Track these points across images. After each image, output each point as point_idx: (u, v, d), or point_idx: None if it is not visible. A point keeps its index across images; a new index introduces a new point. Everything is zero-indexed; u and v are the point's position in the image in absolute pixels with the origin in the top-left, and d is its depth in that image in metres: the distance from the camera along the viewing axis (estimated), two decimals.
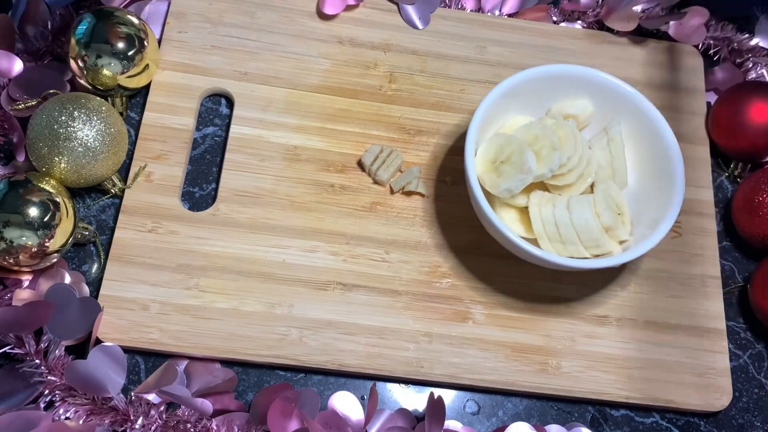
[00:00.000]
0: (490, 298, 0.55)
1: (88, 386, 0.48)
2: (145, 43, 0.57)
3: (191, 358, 0.52)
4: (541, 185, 0.55)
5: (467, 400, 0.54)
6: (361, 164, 0.58)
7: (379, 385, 0.54)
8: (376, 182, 0.58)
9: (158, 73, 0.59)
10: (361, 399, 0.52)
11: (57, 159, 0.52)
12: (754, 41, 0.66)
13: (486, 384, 0.53)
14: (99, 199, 0.57)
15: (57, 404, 0.48)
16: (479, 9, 0.66)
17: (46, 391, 0.49)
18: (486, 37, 0.64)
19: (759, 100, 0.60)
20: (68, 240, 0.52)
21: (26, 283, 0.53)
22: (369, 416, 0.50)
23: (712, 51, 0.67)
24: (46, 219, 0.50)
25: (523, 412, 0.54)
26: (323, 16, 0.64)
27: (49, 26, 0.60)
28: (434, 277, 0.56)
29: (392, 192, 0.57)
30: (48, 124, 0.52)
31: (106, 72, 0.55)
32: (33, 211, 0.49)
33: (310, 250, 0.55)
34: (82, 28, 0.55)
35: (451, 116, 0.61)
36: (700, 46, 0.67)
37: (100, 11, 0.56)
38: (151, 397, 0.49)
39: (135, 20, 0.57)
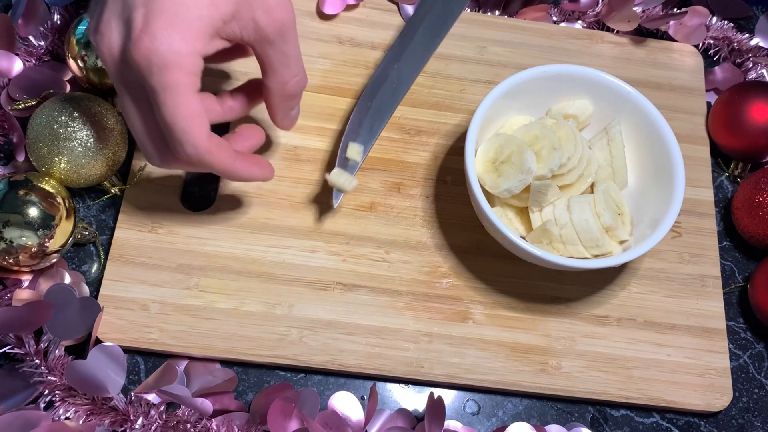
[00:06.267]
0: (490, 298, 0.55)
1: (88, 386, 0.48)
2: None
3: (191, 358, 0.52)
4: None
5: (467, 400, 0.54)
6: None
7: (379, 385, 0.53)
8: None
9: None
10: (361, 399, 0.52)
11: (57, 159, 0.52)
12: (754, 41, 0.66)
13: (486, 384, 0.53)
14: (99, 199, 0.57)
15: (57, 404, 0.48)
16: (479, 9, 0.66)
17: (46, 391, 0.49)
18: (486, 37, 0.64)
19: (759, 100, 0.60)
20: (68, 240, 0.52)
21: (26, 283, 0.53)
22: (369, 416, 0.50)
23: (712, 51, 0.67)
24: (46, 219, 0.50)
25: (523, 412, 0.54)
26: (323, 16, 0.64)
27: (49, 26, 0.60)
28: (434, 277, 0.56)
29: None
30: (48, 124, 0.52)
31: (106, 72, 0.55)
32: (33, 211, 0.49)
33: (310, 250, 0.55)
34: (82, 28, 0.55)
35: (451, 116, 0.61)
36: (700, 46, 0.67)
37: None
38: (151, 397, 0.49)
39: None
